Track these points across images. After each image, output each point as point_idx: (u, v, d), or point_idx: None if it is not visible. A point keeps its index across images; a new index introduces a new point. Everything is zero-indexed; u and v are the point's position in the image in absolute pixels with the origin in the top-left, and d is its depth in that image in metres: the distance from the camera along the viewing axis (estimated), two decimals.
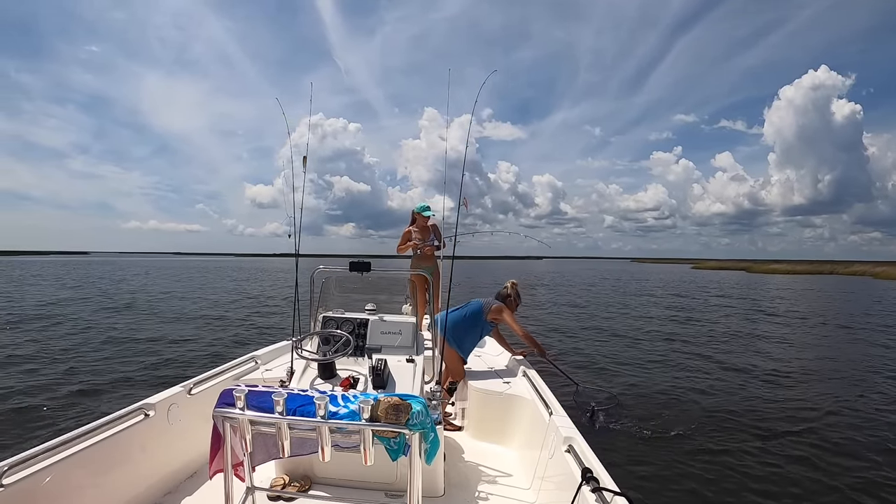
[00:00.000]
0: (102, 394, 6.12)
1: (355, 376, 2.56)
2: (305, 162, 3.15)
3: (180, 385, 2.89)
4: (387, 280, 3.65)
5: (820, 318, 15.60)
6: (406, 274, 4.09)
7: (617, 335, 11.95)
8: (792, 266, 70.34)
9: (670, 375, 7.93)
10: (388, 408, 1.53)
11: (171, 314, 14.42)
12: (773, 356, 9.63)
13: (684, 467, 4.36)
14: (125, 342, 9.69)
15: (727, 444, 4.92)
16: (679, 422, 5.58)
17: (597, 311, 17.21)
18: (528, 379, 3.38)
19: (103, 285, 26.46)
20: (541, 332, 11.78)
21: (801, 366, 8.76)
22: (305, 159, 3.15)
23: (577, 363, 8.66)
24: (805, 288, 33.06)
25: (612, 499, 1.70)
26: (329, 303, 3.23)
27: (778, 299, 23.56)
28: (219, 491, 1.71)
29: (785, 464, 4.49)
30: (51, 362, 7.71)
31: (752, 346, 10.71)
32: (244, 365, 3.57)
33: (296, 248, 3.19)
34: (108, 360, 8.04)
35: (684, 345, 10.72)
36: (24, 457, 1.90)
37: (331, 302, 3.25)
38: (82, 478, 2.10)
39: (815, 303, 21.88)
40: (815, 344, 11.21)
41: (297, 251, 3.19)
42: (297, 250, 3.19)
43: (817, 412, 5.96)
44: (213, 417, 1.65)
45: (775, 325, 13.99)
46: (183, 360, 8.22)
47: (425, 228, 4.72)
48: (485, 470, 2.89)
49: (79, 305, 16.13)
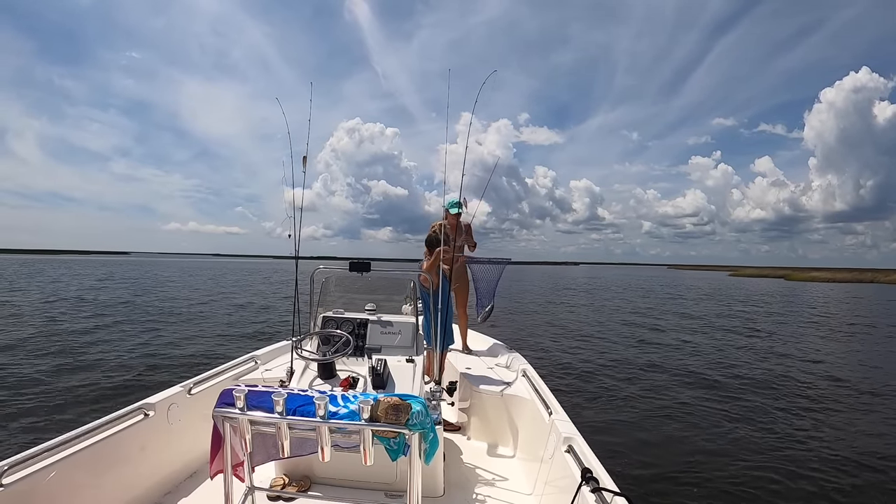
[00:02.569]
0: (104, 393, 6.12)
1: (355, 376, 2.55)
2: (305, 162, 3.14)
3: (180, 385, 2.89)
4: (387, 280, 3.65)
5: (854, 327, 15.29)
6: (406, 274, 4.07)
7: (611, 337, 11.96)
8: (832, 274, 69.02)
9: (671, 377, 7.94)
10: (387, 408, 1.53)
11: (190, 314, 14.44)
12: (782, 362, 9.65)
13: (684, 467, 4.36)
14: (142, 341, 9.71)
15: (728, 444, 4.92)
16: (679, 422, 5.58)
17: (601, 318, 17.21)
18: (528, 379, 3.38)
19: (136, 284, 26.77)
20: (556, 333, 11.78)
21: (812, 372, 8.77)
22: (305, 159, 3.14)
23: (578, 365, 8.66)
24: (846, 296, 32.10)
25: (612, 499, 1.69)
26: (329, 303, 3.23)
27: (808, 307, 22.66)
28: (218, 491, 1.71)
29: (786, 465, 4.49)
30: (52, 359, 7.71)
31: (763, 351, 10.72)
32: (244, 365, 3.57)
33: (296, 248, 3.18)
34: (114, 358, 8.04)
35: (686, 352, 10.73)
36: (24, 457, 1.90)
37: (331, 302, 3.24)
38: (82, 478, 2.10)
39: (855, 312, 21.11)
40: (842, 353, 11.09)
41: (297, 252, 3.19)
42: (297, 251, 3.19)
43: (835, 420, 5.92)
44: (212, 417, 1.65)
45: (798, 333, 13.75)
46: (185, 360, 8.23)
47: (453, 228, 4.41)
48: (484, 470, 2.89)
49: (98, 305, 16.11)
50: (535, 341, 10.89)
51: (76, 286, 24.59)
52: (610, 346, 10.50)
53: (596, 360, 8.94)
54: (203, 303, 18.23)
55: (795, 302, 26.45)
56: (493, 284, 4.04)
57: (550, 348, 10.11)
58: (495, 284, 4.03)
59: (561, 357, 9.18)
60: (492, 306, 4.05)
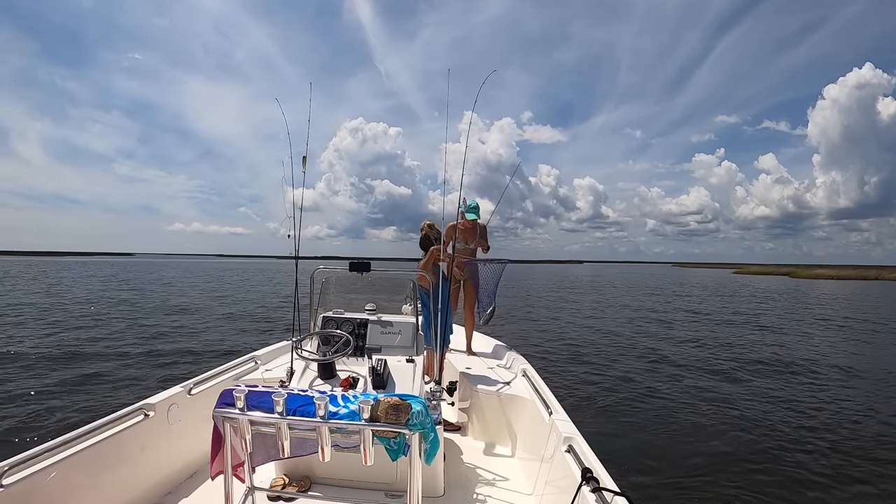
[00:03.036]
0: (106, 392, 6.12)
1: (355, 376, 2.56)
2: (305, 162, 3.14)
3: (180, 385, 2.89)
4: (386, 280, 3.65)
5: (864, 324, 15.16)
6: (406, 274, 4.06)
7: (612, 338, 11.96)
8: (837, 271, 68.04)
9: (673, 377, 7.94)
10: (387, 408, 1.53)
11: (190, 314, 14.43)
12: (785, 357, 9.64)
13: (685, 468, 4.36)
14: (146, 339, 9.70)
15: (728, 445, 4.92)
16: (681, 422, 5.58)
17: (608, 314, 17.20)
18: (528, 379, 3.38)
19: (136, 285, 26.84)
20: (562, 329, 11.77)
21: (820, 372, 8.75)
22: (305, 159, 3.15)
23: (582, 363, 8.66)
24: (852, 294, 31.65)
25: (612, 499, 1.69)
26: (329, 303, 3.23)
27: (814, 305, 22.22)
28: (219, 491, 1.71)
29: (789, 468, 4.49)
30: (51, 359, 7.71)
31: (769, 351, 10.71)
32: (244, 365, 3.57)
33: (295, 248, 3.18)
34: (114, 357, 8.04)
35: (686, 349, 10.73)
36: (24, 457, 1.90)
37: (331, 302, 3.24)
38: (82, 478, 2.10)
39: (861, 309, 20.81)
40: (840, 345, 11.15)
41: (297, 252, 3.19)
42: (297, 251, 3.19)
43: (838, 415, 5.89)
44: (213, 418, 1.65)
45: (805, 332, 13.69)
46: (185, 360, 8.23)
47: (469, 231, 4.27)
48: (485, 470, 2.89)
49: (102, 305, 16.12)
50: (536, 341, 10.89)
51: (79, 287, 24.65)
52: (612, 345, 10.50)
53: (597, 361, 8.93)
54: (203, 303, 18.23)
55: (800, 299, 26.28)
56: (494, 286, 4.03)
57: (550, 348, 10.10)
58: (495, 286, 4.03)
59: (561, 357, 9.18)
60: (493, 308, 4.04)
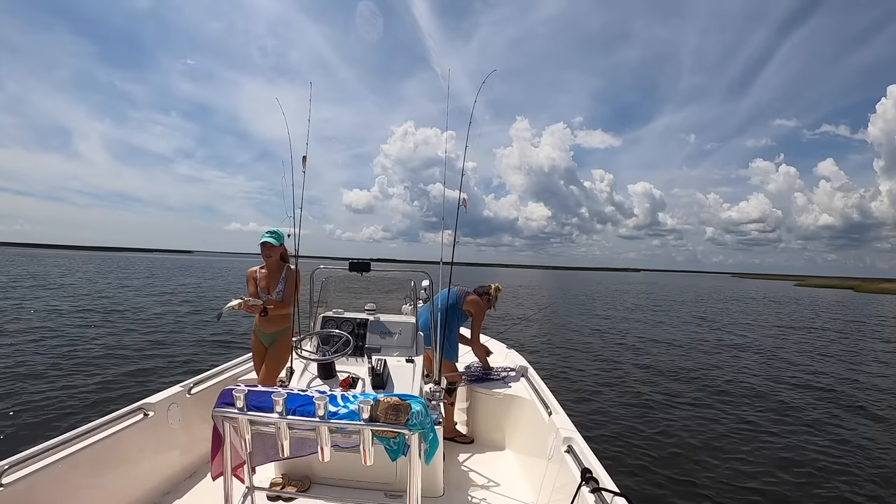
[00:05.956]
0: (104, 393, 6.12)
1: (355, 376, 2.56)
2: (305, 162, 3.15)
3: (180, 385, 2.89)
4: (387, 280, 3.65)
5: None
6: (406, 274, 4.05)
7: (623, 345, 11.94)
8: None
9: (676, 378, 7.93)
10: (387, 408, 1.53)
11: (194, 313, 14.37)
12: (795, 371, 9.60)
13: (685, 468, 4.36)
14: (146, 341, 9.67)
15: (731, 448, 4.91)
16: (682, 423, 5.58)
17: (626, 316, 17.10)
18: (528, 379, 3.38)
19: (163, 283, 26.48)
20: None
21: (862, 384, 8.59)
22: (305, 159, 3.16)
23: (585, 361, 8.65)
24: None
25: (612, 499, 1.69)
26: (329, 303, 3.23)
27: (883, 322, 20.42)
28: (218, 491, 1.70)
29: (788, 467, 4.49)
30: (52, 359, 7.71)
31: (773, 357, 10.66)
32: (244, 365, 3.57)
33: (296, 248, 3.19)
34: (114, 358, 8.04)
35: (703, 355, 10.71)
36: (24, 456, 1.90)
37: (330, 302, 3.24)
38: (82, 478, 2.10)
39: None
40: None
41: (297, 252, 3.19)
42: (297, 251, 3.19)
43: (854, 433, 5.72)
44: (212, 417, 1.65)
45: (867, 348, 12.77)
46: (186, 360, 8.22)
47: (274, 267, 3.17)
48: (484, 470, 2.89)
49: (129, 302, 16.04)
50: (538, 341, 10.90)
51: (116, 284, 24.31)
52: (615, 348, 10.50)
53: (599, 362, 8.94)
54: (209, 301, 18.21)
55: (864, 314, 24.90)
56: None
57: (551, 348, 10.11)
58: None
59: (562, 356, 9.18)
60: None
